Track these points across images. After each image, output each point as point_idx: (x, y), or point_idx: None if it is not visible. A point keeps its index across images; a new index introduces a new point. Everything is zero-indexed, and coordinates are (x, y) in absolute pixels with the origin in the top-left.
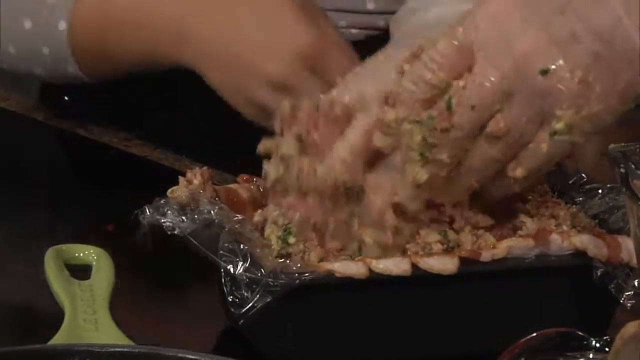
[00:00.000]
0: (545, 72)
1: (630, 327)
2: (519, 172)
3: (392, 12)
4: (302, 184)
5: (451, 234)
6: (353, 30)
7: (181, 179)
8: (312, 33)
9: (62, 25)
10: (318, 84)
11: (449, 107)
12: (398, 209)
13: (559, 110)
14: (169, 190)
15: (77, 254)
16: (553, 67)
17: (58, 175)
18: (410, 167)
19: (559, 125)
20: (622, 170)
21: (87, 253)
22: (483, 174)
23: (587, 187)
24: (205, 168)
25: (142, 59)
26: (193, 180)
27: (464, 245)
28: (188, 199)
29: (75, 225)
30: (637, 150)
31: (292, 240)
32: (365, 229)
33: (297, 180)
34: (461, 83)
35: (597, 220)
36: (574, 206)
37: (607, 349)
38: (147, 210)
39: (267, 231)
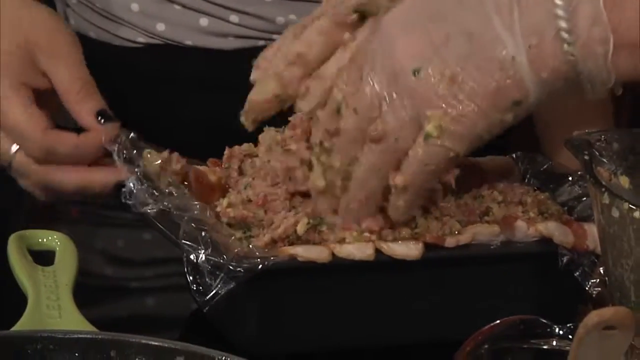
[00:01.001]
0: (416, 72)
1: (593, 316)
2: (398, 180)
3: None
4: None
5: (420, 219)
6: None
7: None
8: None
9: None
10: None
11: (337, 111)
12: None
13: (429, 110)
14: (146, 151)
15: (40, 240)
16: (424, 67)
17: None
18: (312, 175)
19: (428, 127)
20: (586, 157)
21: (51, 239)
22: (369, 186)
23: (558, 173)
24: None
25: None
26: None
27: (431, 230)
28: (156, 168)
29: (40, 210)
30: (601, 137)
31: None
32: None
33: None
34: (352, 90)
35: (566, 208)
36: (542, 193)
37: (570, 337)
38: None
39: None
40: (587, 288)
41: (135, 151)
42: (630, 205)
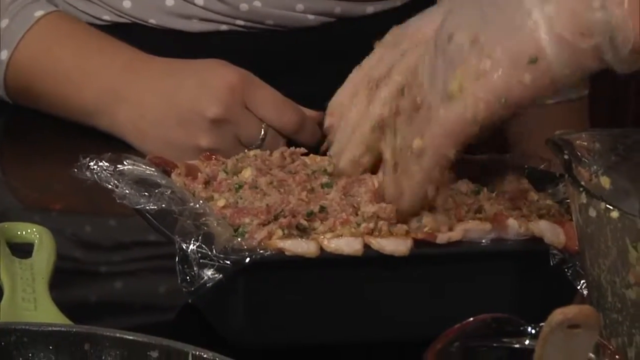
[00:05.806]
0: (449, 37)
1: (558, 314)
2: (416, 143)
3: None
4: None
5: (426, 216)
6: (309, 16)
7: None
8: (237, 71)
9: (4, 55)
10: (251, 116)
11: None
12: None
13: (453, 71)
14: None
15: (19, 232)
16: (455, 32)
17: (3, 152)
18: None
19: (451, 87)
20: (566, 157)
21: (30, 231)
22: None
23: (554, 173)
24: None
25: (67, 113)
26: None
27: (434, 226)
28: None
29: (20, 203)
30: (582, 137)
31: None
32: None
33: None
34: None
35: (565, 206)
36: (537, 193)
37: None
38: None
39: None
40: (578, 287)
41: (116, 166)
42: (607, 206)
